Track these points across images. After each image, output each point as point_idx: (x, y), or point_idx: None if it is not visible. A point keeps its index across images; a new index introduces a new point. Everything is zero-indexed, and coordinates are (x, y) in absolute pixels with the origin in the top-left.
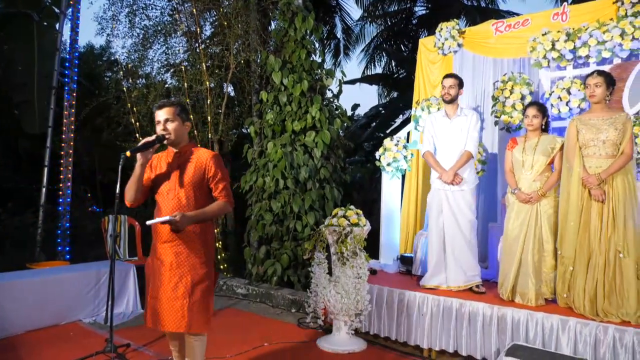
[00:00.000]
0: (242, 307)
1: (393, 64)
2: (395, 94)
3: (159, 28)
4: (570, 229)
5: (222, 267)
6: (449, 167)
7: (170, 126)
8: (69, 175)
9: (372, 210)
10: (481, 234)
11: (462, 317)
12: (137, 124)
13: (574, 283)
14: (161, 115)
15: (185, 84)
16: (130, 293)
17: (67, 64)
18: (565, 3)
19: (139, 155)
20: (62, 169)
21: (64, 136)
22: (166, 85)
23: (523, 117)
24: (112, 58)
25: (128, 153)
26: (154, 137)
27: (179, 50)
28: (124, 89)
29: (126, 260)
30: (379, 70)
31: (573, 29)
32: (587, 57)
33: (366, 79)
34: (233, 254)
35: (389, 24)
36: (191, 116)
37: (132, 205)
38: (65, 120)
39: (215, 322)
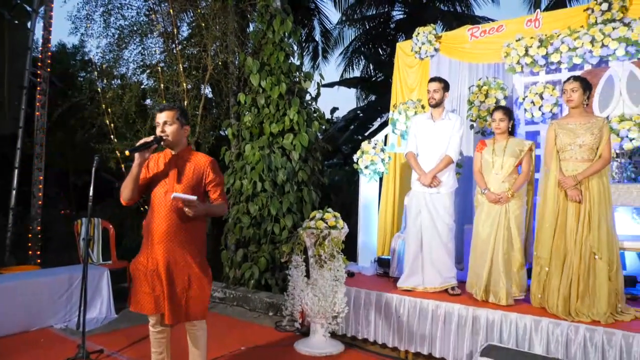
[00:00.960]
0: (219, 311)
1: (371, 68)
2: (373, 97)
3: (135, 28)
4: (546, 231)
5: None
6: (429, 169)
7: (169, 129)
8: (41, 177)
9: (350, 212)
10: (457, 235)
11: (437, 318)
12: (112, 125)
13: (549, 283)
14: (161, 117)
15: (162, 85)
16: (103, 298)
17: (39, 63)
18: (539, 10)
19: (136, 155)
20: (33, 170)
21: (35, 137)
22: (142, 86)
23: (490, 121)
24: (86, 58)
25: (127, 152)
26: (152, 137)
27: (155, 50)
28: (98, 89)
29: (100, 264)
30: (357, 73)
31: (546, 35)
32: (559, 62)
33: (344, 82)
34: (210, 257)
35: (367, 27)
36: None
37: (128, 203)
38: (36, 121)
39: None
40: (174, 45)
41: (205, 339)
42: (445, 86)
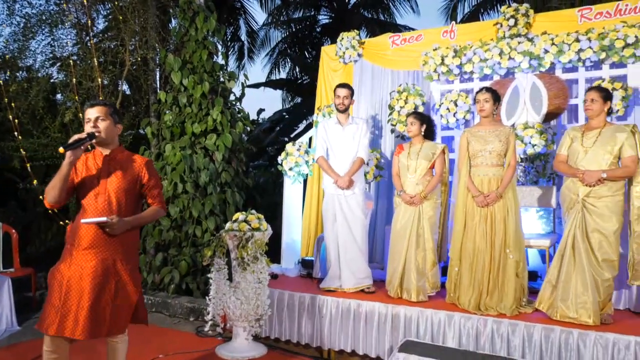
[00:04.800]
0: None
1: (297, 70)
2: (299, 100)
3: (44, 17)
4: (457, 232)
5: None
6: (343, 172)
7: (102, 124)
8: None
9: (275, 214)
10: (379, 236)
11: (359, 316)
12: (17, 120)
13: (460, 282)
14: (92, 113)
15: (74, 79)
16: (4, 308)
17: None
18: (454, 22)
19: (68, 153)
20: None
21: None
22: (52, 80)
23: (404, 125)
24: None
25: (61, 149)
26: (85, 134)
27: (67, 43)
28: (0, 82)
29: (1, 272)
30: (283, 75)
31: (460, 46)
32: (472, 72)
33: (270, 83)
34: None
35: (294, 30)
36: (81, 115)
37: (54, 206)
38: None
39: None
40: (88, 38)
41: (125, 351)
42: (352, 93)
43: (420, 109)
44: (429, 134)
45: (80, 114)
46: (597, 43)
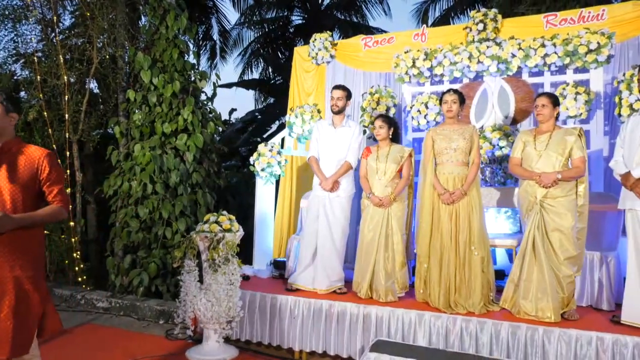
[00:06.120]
0: (103, 322)
1: (270, 70)
2: (271, 100)
3: (6, 12)
4: (424, 230)
5: (80, 279)
6: (329, 174)
7: None
8: None
9: (247, 214)
10: (353, 237)
11: (331, 317)
12: None
13: (429, 279)
14: None
15: (39, 77)
16: None
17: None
18: (425, 25)
19: None
20: None
21: None
22: (15, 78)
23: (372, 128)
24: None
25: None
26: None
27: (31, 39)
28: None
29: None
30: (256, 75)
31: (431, 49)
32: (442, 75)
33: (243, 83)
34: (94, 264)
35: (267, 30)
36: (45, 113)
37: None
38: None
39: (70, 341)
40: (53, 35)
41: None
42: (348, 95)
43: (392, 111)
44: (396, 137)
45: (45, 113)
46: (561, 48)
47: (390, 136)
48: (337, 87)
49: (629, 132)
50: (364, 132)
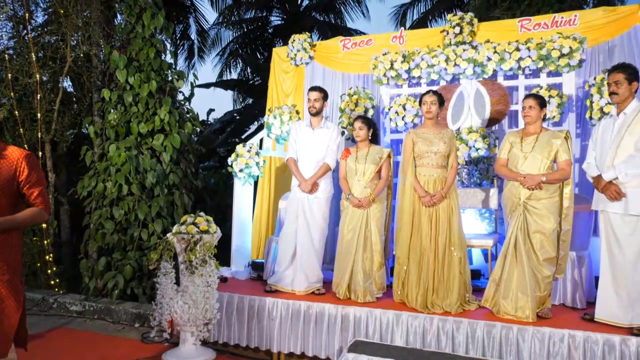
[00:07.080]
0: (76, 326)
1: (249, 71)
2: (250, 101)
3: None
4: (404, 231)
5: (52, 282)
6: (308, 175)
7: None
8: None
9: (225, 216)
10: (333, 238)
11: (309, 318)
12: None
13: (408, 280)
14: None
15: (10, 75)
16: None
17: None
18: (402, 28)
19: None
20: None
21: None
22: None
23: (351, 129)
24: None
25: None
26: None
27: (2, 36)
28: None
29: None
30: (234, 75)
31: (408, 51)
32: (420, 77)
33: (221, 83)
34: (67, 267)
35: (245, 30)
36: (17, 112)
37: None
38: None
39: (42, 346)
40: (25, 32)
41: None
42: (325, 96)
43: (370, 112)
44: (375, 138)
45: (17, 112)
46: (535, 52)
47: (370, 137)
48: (313, 88)
49: (600, 135)
50: (343, 133)
